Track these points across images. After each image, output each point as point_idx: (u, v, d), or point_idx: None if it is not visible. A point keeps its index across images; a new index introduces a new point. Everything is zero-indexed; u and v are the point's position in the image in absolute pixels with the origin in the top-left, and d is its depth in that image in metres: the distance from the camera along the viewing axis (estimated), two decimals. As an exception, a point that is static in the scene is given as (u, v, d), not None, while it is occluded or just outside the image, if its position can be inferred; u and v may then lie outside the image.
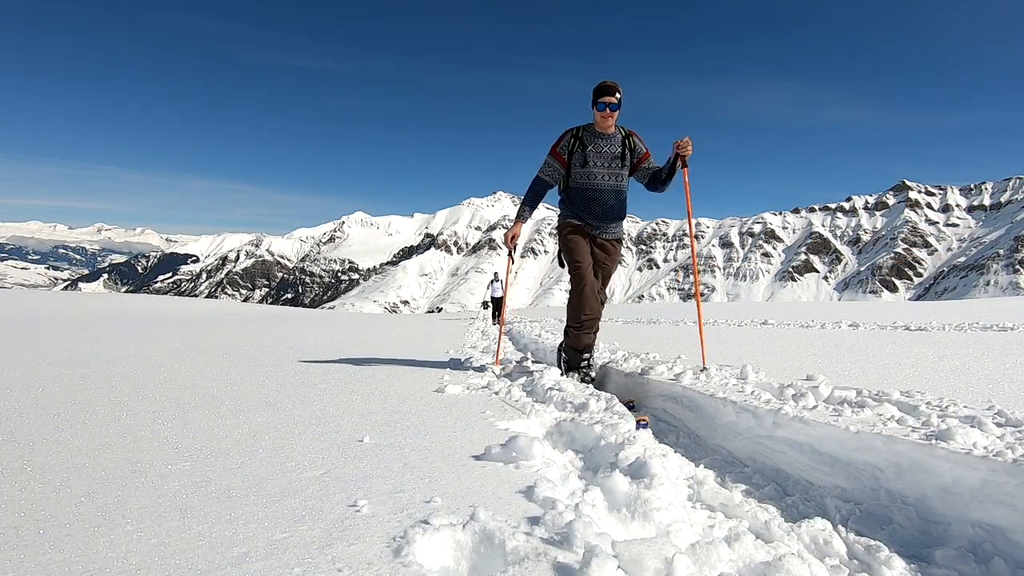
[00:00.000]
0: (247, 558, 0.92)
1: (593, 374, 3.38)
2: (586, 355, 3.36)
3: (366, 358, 4.43)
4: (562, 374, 3.22)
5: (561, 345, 3.51)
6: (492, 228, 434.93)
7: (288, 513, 1.12)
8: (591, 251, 3.37)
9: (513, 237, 3.53)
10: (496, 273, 19.67)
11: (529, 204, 3.45)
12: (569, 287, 3.34)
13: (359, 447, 1.66)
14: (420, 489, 1.30)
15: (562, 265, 3.42)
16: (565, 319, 3.36)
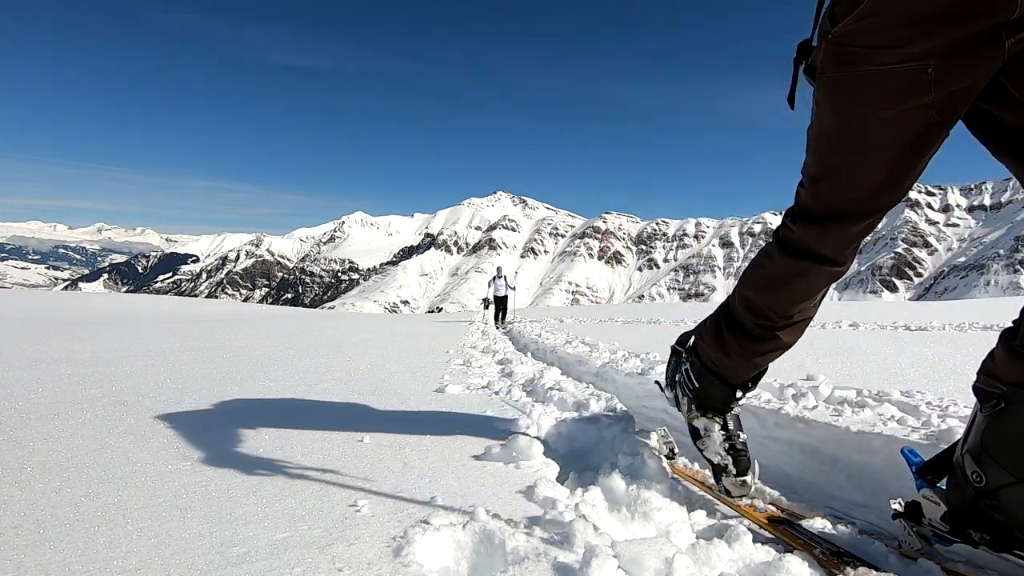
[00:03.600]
0: (247, 558, 0.92)
1: (743, 438, 1.52)
2: (749, 386, 1.49)
3: (366, 358, 4.43)
4: (696, 411, 1.56)
5: (690, 347, 1.61)
6: (492, 228, 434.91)
7: (288, 513, 1.12)
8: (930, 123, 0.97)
9: None
10: (499, 268, 17.14)
11: None
12: (792, 226, 1.24)
13: (359, 447, 1.66)
14: (420, 489, 1.30)
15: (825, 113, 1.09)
16: (736, 297, 1.43)
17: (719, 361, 1.47)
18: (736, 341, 1.41)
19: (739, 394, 1.49)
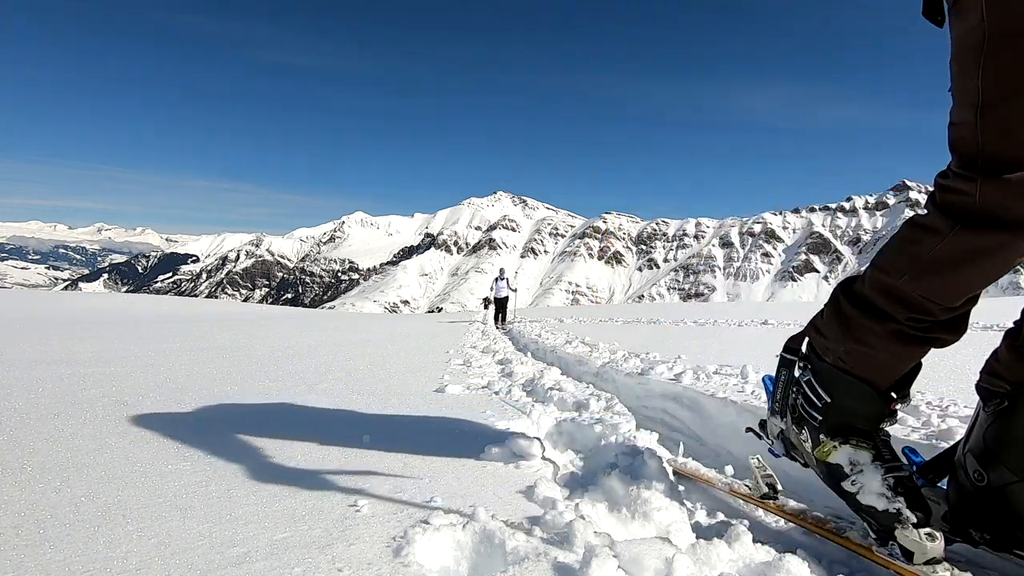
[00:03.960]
0: (247, 558, 0.92)
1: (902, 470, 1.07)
2: (897, 407, 1.10)
3: (366, 358, 4.43)
4: (832, 441, 1.12)
5: (805, 352, 1.20)
6: (492, 228, 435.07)
7: (288, 513, 1.12)
8: None
9: None
10: (502, 269, 17.46)
11: None
12: (961, 188, 0.86)
13: (359, 447, 1.66)
14: (420, 489, 1.30)
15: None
16: (868, 283, 1.03)
17: (855, 355, 1.06)
18: (867, 319, 1.03)
19: (890, 406, 1.08)
